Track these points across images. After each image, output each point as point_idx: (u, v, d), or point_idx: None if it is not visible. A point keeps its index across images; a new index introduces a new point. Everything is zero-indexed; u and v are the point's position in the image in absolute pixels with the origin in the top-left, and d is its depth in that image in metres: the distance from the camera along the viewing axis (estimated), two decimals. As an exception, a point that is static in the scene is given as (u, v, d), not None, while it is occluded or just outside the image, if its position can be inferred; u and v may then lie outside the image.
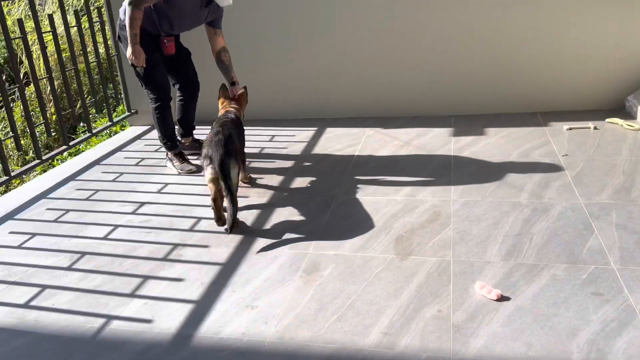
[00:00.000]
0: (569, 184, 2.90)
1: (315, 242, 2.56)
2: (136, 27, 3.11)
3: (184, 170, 3.52)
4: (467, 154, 3.44)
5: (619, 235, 2.37)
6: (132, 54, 3.18)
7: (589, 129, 3.65)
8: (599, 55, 3.87)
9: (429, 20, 4.02)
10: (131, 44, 3.16)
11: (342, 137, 3.96)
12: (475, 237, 2.48)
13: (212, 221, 2.82)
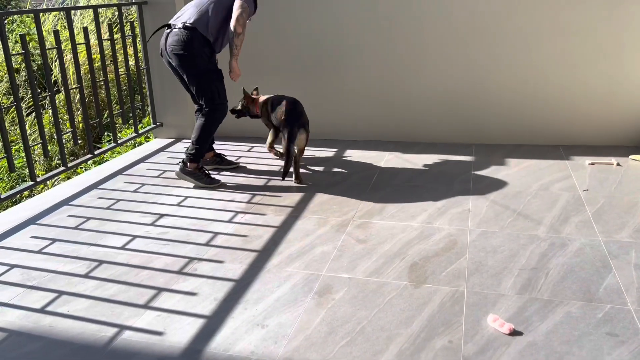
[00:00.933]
0: (588, 220, 2.87)
1: (329, 264, 2.57)
2: (242, 42, 3.38)
3: (209, 185, 3.52)
4: (487, 183, 3.43)
5: (638, 276, 2.33)
6: (233, 69, 3.44)
7: (611, 165, 3.61)
8: (624, 91, 3.85)
9: (455, 49, 4.05)
10: (235, 59, 3.41)
11: (361, 160, 3.98)
12: (490, 268, 2.46)
13: (228, 236, 2.86)
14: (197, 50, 3.34)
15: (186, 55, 3.34)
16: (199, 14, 3.36)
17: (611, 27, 3.74)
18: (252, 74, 4.24)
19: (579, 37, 3.81)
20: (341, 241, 2.78)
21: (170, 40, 3.38)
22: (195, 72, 3.40)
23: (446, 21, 4.01)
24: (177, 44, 3.34)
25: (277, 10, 4.31)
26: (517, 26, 3.89)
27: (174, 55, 3.38)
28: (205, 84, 3.42)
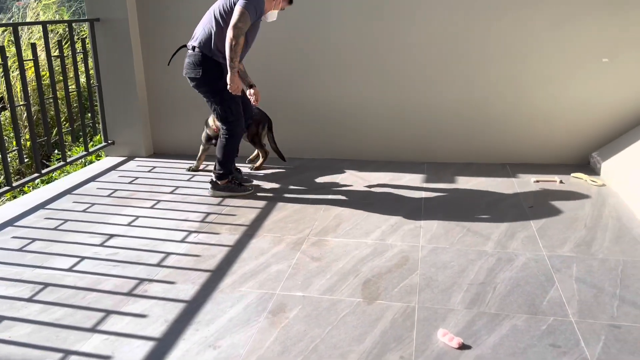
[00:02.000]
0: (533, 235, 2.98)
1: (284, 282, 2.56)
2: (239, 54, 3.26)
3: (244, 193, 3.64)
4: (438, 201, 3.52)
5: (578, 288, 2.43)
6: (233, 82, 3.30)
7: (555, 182, 3.78)
8: (567, 112, 4.05)
9: (408, 70, 4.17)
10: (233, 73, 3.28)
11: (317, 178, 4.01)
12: (440, 283, 2.52)
13: (180, 257, 2.82)
14: (206, 72, 3.38)
15: (197, 78, 3.42)
16: (203, 34, 3.39)
17: (554, 50, 3.94)
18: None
19: (525, 60, 4.00)
20: (296, 259, 2.79)
21: (185, 62, 3.47)
22: (209, 94, 3.47)
23: (400, 43, 4.13)
24: (187, 67, 3.44)
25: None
26: (468, 50, 4.05)
27: (187, 77, 3.49)
28: (217, 104, 3.46)
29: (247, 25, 3.22)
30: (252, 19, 3.24)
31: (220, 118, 3.51)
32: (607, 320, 2.19)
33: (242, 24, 3.19)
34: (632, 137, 3.87)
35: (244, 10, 3.18)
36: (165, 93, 4.60)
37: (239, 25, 3.18)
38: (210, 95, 3.47)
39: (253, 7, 3.22)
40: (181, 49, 3.63)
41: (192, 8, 4.32)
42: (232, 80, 3.30)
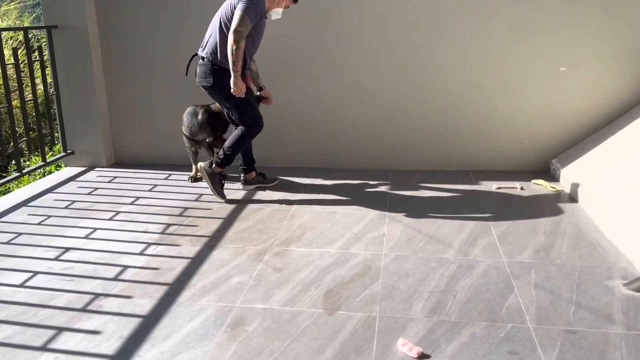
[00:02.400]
0: (494, 242, 3.01)
1: (244, 294, 2.52)
2: (241, 58, 3.32)
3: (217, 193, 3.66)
4: (402, 208, 3.53)
5: (537, 295, 2.46)
6: (236, 85, 3.37)
7: (516, 189, 3.84)
8: (528, 120, 4.13)
9: (374, 79, 4.19)
10: (236, 76, 3.35)
11: (282, 187, 3.98)
12: (402, 292, 2.52)
13: (138, 270, 2.75)
14: (217, 80, 3.47)
15: (209, 86, 3.53)
16: (210, 44, 3.48)
17: (515, 60, 4.02)
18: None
19: (487, 69, 4.06)
20: (258, 270, 2.75)
21: (196, 71, 3.57)
22: (222, 100, 3.59)
23: (364, 53, 4.15)
24: (199, 76, 3.54)
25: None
26: (433, 59, 4.09)
27: (200, 86, 3.58)
28: (232, 108, 3.57)
29: (247, 28, 3.30)
30: (253, 21, 3.32)
31: (239, 121, 3.61)
32: (564, 326, 2.22)
33: (242, 28, 3.27)
34: (589, 144, 3.97)
35: (244, 14, 3.26)
36: (127, 101, 4.51)
37: (239, 29, 3.26)
38: (224, 101, 3.58)
39: (253, 10, 3.29)
40: (194, 57, 3.72)
41: (154, 15, 4.27)
42: (235, 84, 3.38)
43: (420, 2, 3.99)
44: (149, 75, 4.41)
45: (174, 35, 4.29)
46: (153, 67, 4.39)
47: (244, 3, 3.28)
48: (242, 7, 3.26)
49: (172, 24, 4.27)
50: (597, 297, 2.42)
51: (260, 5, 3.34)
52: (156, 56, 4.36)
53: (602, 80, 3.97)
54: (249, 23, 3.29)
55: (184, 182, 4.11)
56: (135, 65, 4.41)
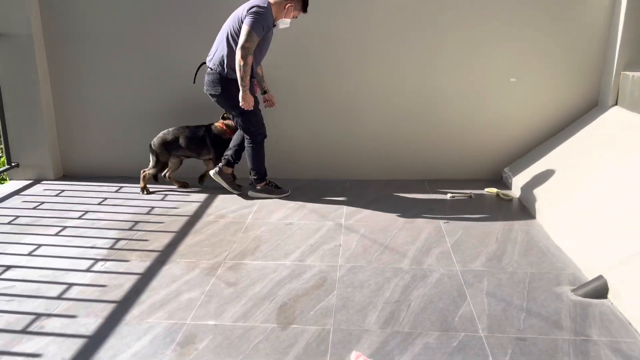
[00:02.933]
0: (447, 250, 3.04)
1: (195, 311, 2.45)
2: (249, 73, 3.42)
3: (280, 195, 3.91)
4: (358, 218, 3.53)
5: (489, 303, 2.49)
6: (245, 100, 3.47)
7: (469, 197, 3.90)
8: (481, 130, 4.21)
9: (326, 90, 4.19)
10: (245, 91, 3.45)
11: (238, 199, 3.92)
12: (356, 304, 2.50)
13: (84, 287, 2.64)
14: (224, 89, 3.57)
15: (215, 95, 3.63)
16: (217, 56, 3.57)
17: (467, 71, 4.09)
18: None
19: (440, 80, 4.12)
20: (210, 285, 2.68)
21: (205, 79, 3.67)
22: (229, 108, 3.69)
23: (320, 65, 4.14)
24: (207, 85, 3.64)
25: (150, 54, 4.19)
26: (386, 70, 4.12)
27: (208, 95, 3.68)
28: (238, 116, 3.66)
29: (254, 44, 3.38)
30: (260, 35, 3.40)
31: (242, 129, 3.73)
32: (514, 334, 2.25)
33: (249, 44, 3.36)
34: (539, 153, 4.08)
35: (251, 30, 3.34)
36: (75, 112, 4.36)
37: (246, 45, 3.35)
38: (230, 109, 3.68)
39: (260, 25, 3.37)
40: (202, 66, 3.78)
41: (102, 24, 4.15)
42: (244, 98, 3.48)
43: (375, 18, 4.02)
44: (99, 84, 4.28)
45: (124, 44, 4.18)
46: (103, 76, 4.26)
47: (251, 18, 3.34)
48: (249, 23, 3.34)
49: (123, 32, 4.16)
50: (547, 304, 2.47)
51: (268, 19, 3.41)
52: (106, 65, 4.24)
53: (550, 90, 4.10)
54: (256, 38, 3.37)
55: (136, 194, 4.00)
56: (84, 74, 4.27)
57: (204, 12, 4.08)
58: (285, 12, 3.50)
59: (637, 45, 3.80)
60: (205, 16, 4.08)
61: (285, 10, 3.49)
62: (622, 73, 3.83)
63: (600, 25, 3.93)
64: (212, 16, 4.06)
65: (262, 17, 3.37)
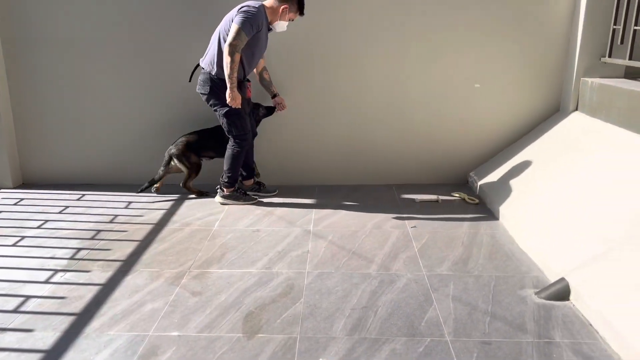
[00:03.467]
0: (414, 255, 3.05)
1: (159, 322, 2.39)
2: (236, 70, 3.43)
3: (245, 202, 3.87)
4: (326, 223, 3.52)
5: (455, 307, 2.50)
6: (232, 97, 3.48)
7: (436, 201, 3.93)
8: (447, 135, 4.26)
9: (293, 97, 4.17)
10: (232, 88, 3.47)
11: (205, 205, 3.86)
12: (324, 311, 2.48)
13: (42, 300, 2.55)
14: (212, 89, 3.60)
15: (205, 94, 3.66)
16: (209, 55, 3.61)
17: (432, 77, 4.13)
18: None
19: (406, 87, 4.15)
20: (174, 295, 2.62)
21: (198, 79, 3.70)
22: (215, 107, 3.67)
23: (286, 73, 4.12)
24: (198, 84, 3.68)
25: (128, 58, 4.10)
26: (351, 75, 4.13)
27: (199, 94, 3.70)
28: (222, 117, 3.66)
29: (242, 42, 3.41)
30: (249, 34, 3.42)
31: (227, 131, 3.73)
32: (480, 337, 2.26)
33: (236, 41, 3.38)
34: (504, 157, 4.15)
35: (239, 28, 3.38)
36: (35, 119, 4.22)
37: (234, 43, 3.38)
38: (218, 109, 3.67)
39: (249, 24, 3.40)
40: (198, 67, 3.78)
41: (61, 28, 4.05)
42: (231, 96, 3.49)
43: (341, 25, 4.02)
44: (59, 91, 4.16)
45: (84, 49, 4.08)
46: (63, 82, 4.15)
47: (240, 17, 3.39)
48: (239, 21, 3.38)
49: (83, 37, 4.06)
50: (511, 307, 2.50)
51: (258, 18, 3.44)
52: (66, 71, 4.13)
53: (514, 96, 4.18)
54: (244, 37, 3.40)
55: (99, 202, 3.90)
56: (43, 81, 4.15)
57: (165, 15, 4.01)
58: (280, 14, 3.55)
59: (595, 52, 3.91)
60: (167, 20, 4.02)
61: (280, 13, 3.55)
62: (581, 79, 3.93)
63: (560, 33, 4.03)
64: (172, 20, 4.00)
65: (252, 16, 3.40)
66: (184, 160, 3.95)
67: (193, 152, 3.97)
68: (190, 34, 4.01)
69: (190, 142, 3.96)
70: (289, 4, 3.53)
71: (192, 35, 4.00)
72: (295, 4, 3.56)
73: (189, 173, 3.98)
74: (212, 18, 3.82)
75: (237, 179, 3.89)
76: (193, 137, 3.98)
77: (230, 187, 3.87)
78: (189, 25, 4.00)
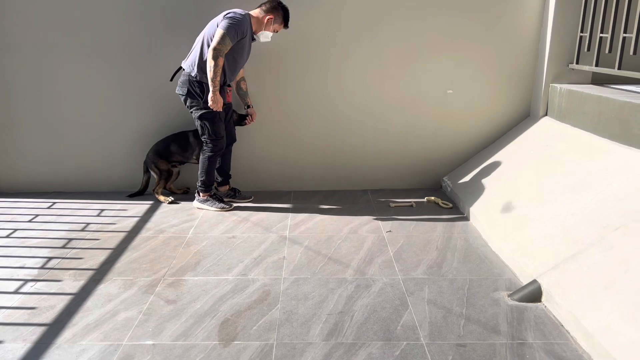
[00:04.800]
0: (390, 259, 3.07)
1: (132, 330, 2.35)
2: (219, 74, 3.47)
3: (221, 208, 3.85)
4: (302, 229, 3.52)
5: (430, 310, 2.53)
6: (213, 100, 3.50)
7: (410, 206, 3.97)
8: (420, 141, 4.31)
9: (268, 102, 4.17)
10: (214, 91, 3.50)
11: (179, 212, 3.82)
12: (300, 316, 2.48)
13: (11, 311, 2.49)
14: (190, 91, 3.61)
15: (182, 95, 3.67)
16: (191, 58, 3.61)
17: (405, 83, 4.18)
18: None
19: (380, 92, 4.19)
20: (148, 303, 2.58)
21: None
22: (192, 109, 3.67)
23: (262, 79, 4.12)
24: (178, 85, 3.69)
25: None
26: (325, 81, 4.15)
27: (178, 95, 3.73)
28: (197, 119, 3.68)
29: (225, 47, 3.44)
30: (233, 40, 3.46)
31: (200, 134, 3.75)
32: (455, 340, 2.29)
33: (220, 46, 3.41)
34: (476, 162, 4.21)
35: (224, 33, 3.41)
36: (4, 124, 4.13)
37: (217, 47, 3.41)
38: (194, 111, 3.68)
39: (234, 29, 3.44)
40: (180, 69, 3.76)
41: (29, 34, 3.96)
42: (212, 98, 3.51)
43: (314, 31, 4.04)
44: (26, 97, 4.08)
45: (53, 54, 4.00)
46: (34, 87, 4.06)
47: (226, 22, 3.43)
48: (224, 26, 3.42)
49: (52, 42, 3.98)
50: (485, 310, 2.53)
51: (243, 25, 3.48)
52: (38, 75, 4.04)
53: (485, 101, 4.25)
54: (228, 42, 3.43)
55: (70, 210, 3.82)
56: (10, 86, 4.06)
57: (145, 21, 3.97)
58: (265, 25, 3.62)
59: (564, 59, 4.01)
60: (146, 26, 3.98)
61: (265, 23, 3.61)
62: (550, 85, 4.03)
63: (530, 39, 4.12)
64: (151, 26, 3.97)
65: (238, 22, 3.45)
66: (153, 166, 4.00)
67: (162, 159, 3.98)
68: (169, 40, 3.97)
69: (159, 149, 3.98)
70: (274, 14, 3.59)
71: (170, 42, 3.97)
72: (280, 15, 3.62)
73: (158, 179, 4.00)
74: (196, 24, 3.81)
75: (212, 183, 3.91)
76: (161, 144, 4.01)
77: (205, 191, 3.88)
78: (169, 32, 3.97)
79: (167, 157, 4.01)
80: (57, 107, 4.11)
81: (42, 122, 4.14)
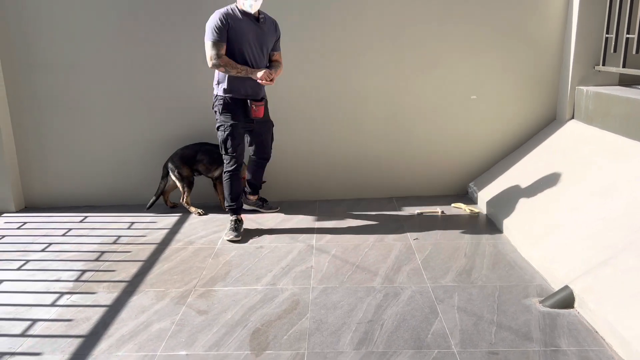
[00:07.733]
0: (418, 267, 3.06)
1: (166, 341, 2.39)
2: (235, 66, 3.37)
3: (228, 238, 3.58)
4: (329, 238, 3.53)
5: (460, 318, 2.51)
6: (260, 77, 3.39)
7: (437, 213, 3.95)
8: (445, 147, 4.29)
9: (292, 112, 4.21)
10: (250, 73, 3.40)
11: (207, 224, 3.88)
12: (330, 325, 2.49)
13: (49, 323, 2.56)
14: (213, 106, 3.57)
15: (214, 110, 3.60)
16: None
17: (430, 91, 4.18)
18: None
19: (404, 100, 4.19)
20: (181, 314, 2.63)
21: None
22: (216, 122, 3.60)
23: (284, 87, 4.17)
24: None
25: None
26: (348, 89, 4.18)
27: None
28: (217, 130, 3.58)
29: (215, 50, 3.34)
30: (214, 37, 3.34)
31: (219, 147, 3.63)
32: (486, 347, 2.27)
33: (210, 53, 3.36)
34: (503, 167, 4.18)
35: (206, 41, 3.37)
36: (37, 142, 4.26)
37: (210, 56, 3.36)
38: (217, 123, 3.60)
39: (210, 30, 3.35)
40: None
41: (61, 54, 4.09)
42: (260, 77, 3.40)
43: (336, 40, 4.08)
44: (59, 114, 4.20)
45: (84, 74, 4.12)
46: (65, 105, 4.19)
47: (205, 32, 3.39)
48: (205, 36, 3.37)
49: (83, 62, 4.10)
50: (517, 316, 2.51)
51: (214, 19, 3.35)
52: (68, 93, 4.17)
53: (510, 106, 4.22)
54: (212, 45, 3.34)
55: (102, 223, 3.91)
56: (45, 103, 4.19)
57: (166, 38, 4.07)
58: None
59: (589, 61, 3.96)
60: (167, 43, 4.07)
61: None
62: (576, 88, 3.98)
63: (554, 42, 4.09)
64: (172, 44, 4.06)
65: (209, 22, 3.36)
66: (176, 172, 4.02)
67: (186, 165, 4.02)
68: (191, 56, 4.05)
69: (185, 154, 4.03)
70: None
71: (193, 58, 4.04)
72: None
73: (182, 187, 4.04)
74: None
75: (238, 196, 3.69)
76: (189, 150, 4.05)
77: (235, 213, 3.71)
78: (190, 48, 4.05)
79: (191, 165, 4.04)
80: (87, 123, 4.22)
81: (72, 139, 4.25)
